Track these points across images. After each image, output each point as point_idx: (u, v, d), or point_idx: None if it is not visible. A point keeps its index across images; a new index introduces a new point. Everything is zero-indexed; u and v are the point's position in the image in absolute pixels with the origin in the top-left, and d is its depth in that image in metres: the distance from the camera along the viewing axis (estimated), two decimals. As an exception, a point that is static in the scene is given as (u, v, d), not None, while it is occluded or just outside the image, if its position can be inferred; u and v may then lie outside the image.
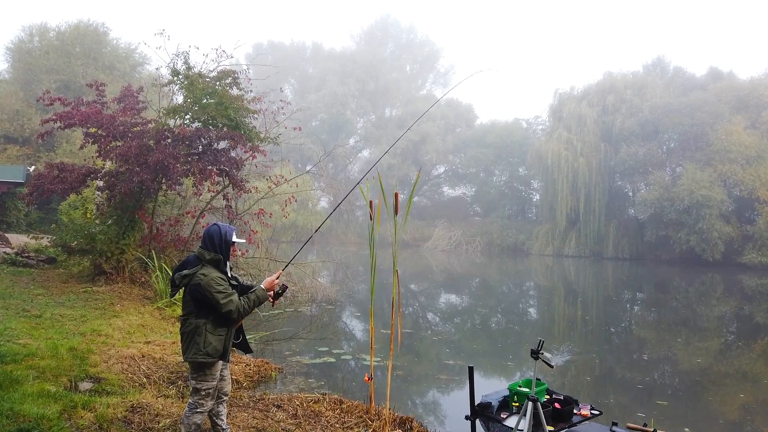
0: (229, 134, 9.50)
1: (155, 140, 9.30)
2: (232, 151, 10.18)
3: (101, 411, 4.34)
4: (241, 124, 9.76)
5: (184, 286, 3.88)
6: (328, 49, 55.88)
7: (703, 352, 10.70)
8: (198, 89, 9.42)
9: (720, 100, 33.15)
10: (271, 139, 10.43)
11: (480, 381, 7.28)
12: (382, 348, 8.73)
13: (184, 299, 3.93)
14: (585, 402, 4.33)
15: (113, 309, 7.97)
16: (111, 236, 9.47)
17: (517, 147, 43.51)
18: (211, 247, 3.92)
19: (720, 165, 30.98)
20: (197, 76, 9.56)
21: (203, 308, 3.81)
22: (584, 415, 4.08)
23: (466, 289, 20.02)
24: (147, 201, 10.06)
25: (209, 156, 9.69)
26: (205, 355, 3.78)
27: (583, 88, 39.90)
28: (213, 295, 3.73)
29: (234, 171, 9.94)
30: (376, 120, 53.57)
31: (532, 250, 37.40)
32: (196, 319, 3.81)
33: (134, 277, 9.70)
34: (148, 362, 5.97)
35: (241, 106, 9.69)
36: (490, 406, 4.17)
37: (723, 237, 29.63)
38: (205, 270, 3.82)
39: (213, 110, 9.34)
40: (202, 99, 9.50)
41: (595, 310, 15.64)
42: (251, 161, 10.70)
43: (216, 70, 10.04)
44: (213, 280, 3.77)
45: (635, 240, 35.05)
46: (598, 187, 35.52)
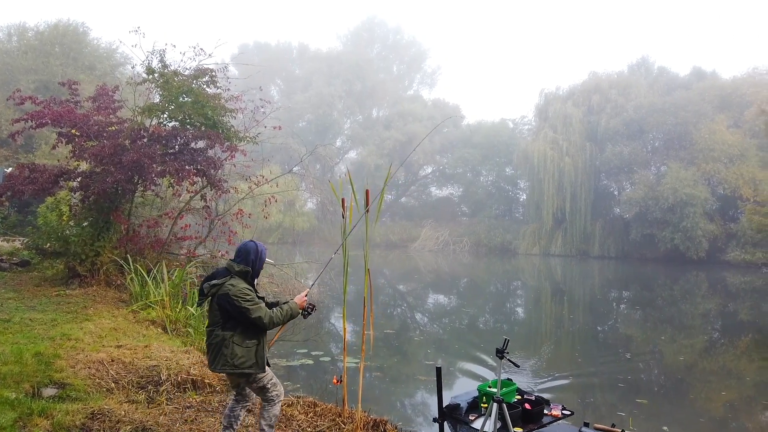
0: (207, 133, 9.31)
1: (131, 140, 9.09)
2: (210, 151, 9.99)
3: (59, 418, 4.17)
4: (219, 123, 9.58)
5: (212, 296, 3.89)
6: (315, 49, 55.70)
7: (687, 349, 10.70)
8: (174, 87, 9.22)
9: (703, 99, 33.45)
10: (250, 139, 10.25)
11: (461, 381, 7.18)
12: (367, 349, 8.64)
13: (211, 310, 3.93)
14: (557, 402, 4.24)
15: (86, 312, 7.76)
16: (85, 238, 9.24)
17: (504, 147, 43.61)
18: (244, 261, 3.98)
19: (704, 164, 31.23)
20: (172, 74, 9.35)
21: (230, 320, 3.82)
22: (555, 416, 3.98)
23: (453, 290, 19.95)
24: (123, 202, 9.84)
25: (186, 156, 9.48)
26: (232, 366, 3.79)
27: (569, 88, 40.12)
28: (241, 303, 3.76)
29: (212, 171, 9.75)
30: (363, 120, 53.45)
31: (519, 250, 37.48)
32: (222, 331, 3.83)
33: (110, 279, 9.48)
34: (118, 367, 5.79)
35: (218, 104, 9.52)
36: (459, 407, 4.07)
37: (707, 235, 29.86)
38: (233, 280, 3.86)
39: (189, 109, 9.15)
40: (179, 98, 9.31)
41: (581, 308, 15.63)
42: (230, 161, 10.51)
43: (193, 68, 9.86)
44: (241, 290, 3.79)
45: (621, 239, 35.24)
46: (583, 187, 35.67)
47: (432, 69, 60.50)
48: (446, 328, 11.70)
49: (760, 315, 15.22)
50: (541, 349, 10.01)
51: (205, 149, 9.88)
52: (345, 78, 49.92)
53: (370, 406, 5.31)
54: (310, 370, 7.48)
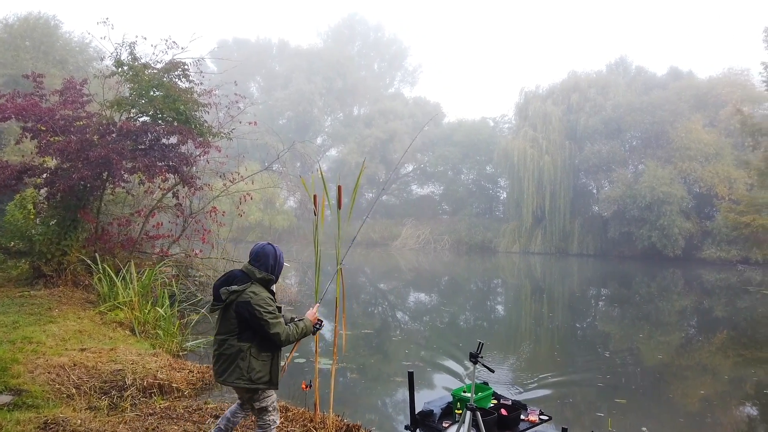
0: (178, 129, 9.03)
1: (99, 135, 8.77)
2: (182, 147, 9.70)
3: (8, 429, 3.92)
4: (192, 118, 9.30)
5: (230, 303, 3.63)
6: (295, 46, 55.21)
7: (664, 346, 10.73)
8: (144, 81, 8.93)
9: (680, 98, 33.88)
10: (225, 135, 9.99)
11: (441, 379, 7.05)
12: (339, 350, 8.45)
13: (226, 318, 3.67)
14: (535, 407, 4.12)
15: (50, 314, 7.46)
16: (51, 237, 8.90)
17: (485, 145, 43.70)
18: (264, 266, 3.74)
19: (680, 162, 31.62)
20: (142, 67, 9.05)
21: (248, 330, 3.60)
22: (532, 421, 3.86)
23: (434, 288, 19.85)
24: (91, 199, 9.51)
25: (157, 152, 9.18)
26: (248, 381, 3.59)
27: (549, 86, 40.35)
28: (262, 315, 3.54)
29: (184, 167, 9.47)
30: (344, 118, 53.14)
31: (499, 248, 37.59)
32: (238, 341, 3.60)
33: (77, 279, 9.14)
34: (80, 371, 5.53)
35: (190, 99, 9.23)
36: (432, 414, 3.92)
37: (683, 233, 30.23)
38: (255, 288, 3.64)
39: (160, 103, 8.86)
40: (149, 92, 9.02)
41: (561, 306, 15.64)
42: (203, 157, 10.23)
43: (165, 61, 9.55)
44: (263, 300, 3.59)
45: (599, 236, 35.54)
46: (563, 185, 35.89)
47: (413, 67, 60.47)
48: (426, 327, 11.57)
49: (735, 311, 15.37)
50: (520, 349, 9.93)
51: (178, 145, 9.60)
52: (325, 75, 49.55)
53: (345, 410, 5.15)
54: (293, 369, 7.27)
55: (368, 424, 5.56)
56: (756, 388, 7.92)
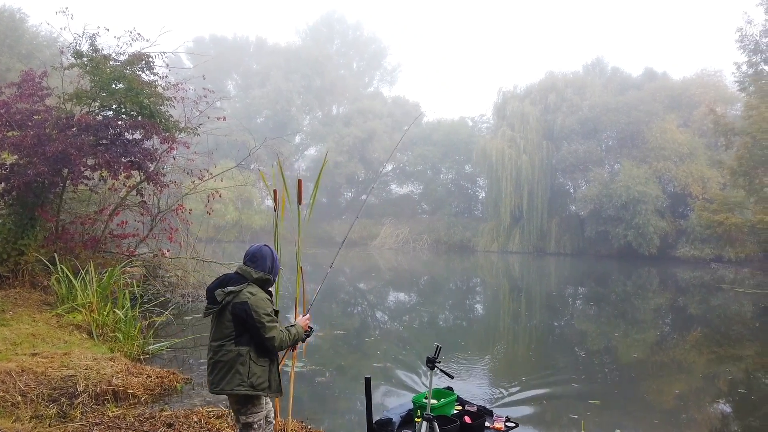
0: (141, 123, 8.68)
1: (58, 129, 8.38)
2: (147, 142, 9.35)
3: (-65, 443, 3.63)
4: (157, 112, 8.96)
5: (226, 304, 3.42)
6: (273, 44, 54.67)
7: (640, 344, 10.71)
8: (104, 73, 8.56)
9: (655, 99, 34.28)
10: (192, 130, 9.66)
11: (414, 384, 6.85)
12: (314, 352, 8.20)
13: (221, 321, 3.44)
14: (503, 412, 3.94)
15: (3, 317, 7.08)
16: (7, 236, 8.50)
17: (463, 145, 43.75)
18: (261, 267, 3.59)
19: (655, 162, 31.98)
20: (102, 58, 8.68)
21: (245, 333, 3.39)
22: (498, 429, 3.68)
23: (412, 287, 19.68)
24: (50, 197, 9.10)
25: (119, 147, 8.80)
26: (249, 387, 3.38)
27: (526, 86, 40.57)
28: (260, 317, 3.35)
29: (148, 163, 9.11)
30: (323, 117, 52.75)
31: (478, 247, 37.64)
32: (236, 346, 3.38)
33: (35, 281, 8.74)
34: (28, 378, 5.21)
35: (153, 92, 8.89)
36: (391, 422, 3.70)
37: (658, 231, 30.56)
38: (252, 288, 3.47)
39: (122, 96, 8.51)
40: (111, 84, 8.65)
41: (538, 306, 15.59)
42: (170, 154, 9.88)
43: (128, 53, 9.19)
44: (262, 301, 3.41)
45: (576, 236, 35.80)
46: (540, 184, 36.08)
47: (392, 66, 60.34)
48: (403, 327, 11.37)
49: (709, 309, 15.49)
50: (495, 349, 9.79)
51: (142, 140, 9.25)
52: (303, 73, 49.12)
53: (309, 415, 4.92)
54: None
55: (337, 428, 5.35)
56: (729, 385, 7.90)
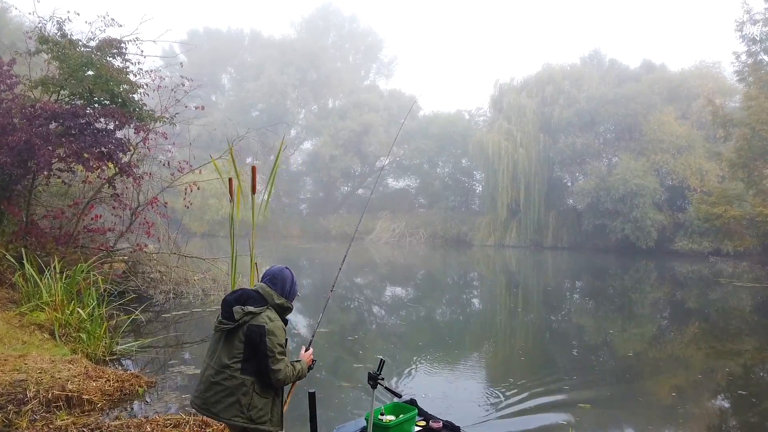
0: (111, 111, 8.27)
1: (26, 118, 7.97)
2: (118, 132, 8.95)
3: None
4: (130, 101, 8.56)
5: (242, 324, 3.17)
6: (267, 36, 54.09)
7: (637, 338, 10.39)
8: (72, 59, 8.14)
9: (653, 91, 33.88)
10: (167, 119, 9.25)
11: (382, 393, 6.48)
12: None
13: (228, 341, 3.18)
14: (478, 423, 3.59)
15: (-38, 316, 6.74)
16: (-29, 231, 8.14)
17: (460, 138, 43.34)
18: (281, 291, 3.36)
19: (653, 154, 31.63)
20: (68, 43, 8.24)
21: (253, 359, 3.14)
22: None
23: (408, 282, 19.30)
24: (17, 189, 8.69)
25: (88, 137, 8.39)
26: (247, 420, 3.11)
27: (523, 79, 40.12)
28: (274, 345, 3.13)
29: (120, 154, 8.71)
30: (319, 110, 52.24)
31: (475, 241, 37.32)
32: (241, 373, 3.12)
33: (3, 277, 8.38)
34: (-26, 383, 4.85)
35: (124, 79, 8.48)
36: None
37: (656, 225, 30.26)
38: (271, 314, 3.25)
39: (91, 84, 8.10)
40: (80, 71, 8.23)
41: (534, 301, 15.25)
42: (145, 144, 9.48)
43: (99, 39, 8.78)
44: (279, 329, 3.18)
45: (573, 229, 35.51)
46: (537, 178, 35.73)
47: (389, 59, 59.78)
48: (391, 324, 10.99)
49: (707, 303, 15.20)
50: (487, 347, 9.44)
51: (114, 130, 8.84)
52: (298, 66, 48.56)
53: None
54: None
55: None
56: (728, 380, 7.61)
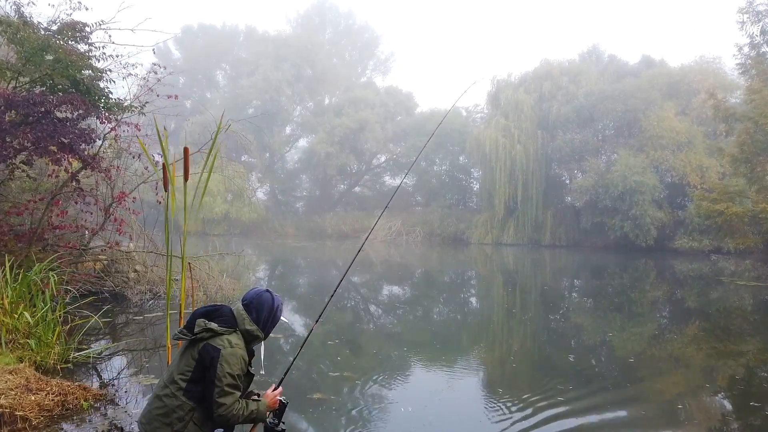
0: (70, 98, 7.69)
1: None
2: (82, 122, 8.40)
3: None
4: (95, 88, 8.00)
5: (200, 340, 2.86)
6: (262, 32, 53.44)
7: (637, 338, 9.88)
8: (29, 42, 7.58)
9: (652, 86, 33.34)
10: (135, 108, 8.70)
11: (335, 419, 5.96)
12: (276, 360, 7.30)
13: (183, 355, 2.88)
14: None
15: None
16: None
17: (457, 135, 42.82)
18: (255, 317, 3.02)
19: (652, 151, 31.12)
20: (21, 23, 7.66)
21: (200, 382, 2.78)
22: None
23: (403, 282, 18.74)
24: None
25: (46, 126, 7.81)
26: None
27: (521, 75, 39.58)
28: (223, 375, 2.75)
29: (82, 145, 8.14)
30: (315, 107, 51.72)
31: (472, 239, 36.82)
32: (184, 395, 2.76)
33: (-42, 278, 7.86)
34: None
35: (85, 64, 7.92)
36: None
37: (655, 222, 29.77)
38: (234, 338, 2.90)
39: (49, 69, 7.54)
40: (39, 56, 7.67)
41: (531, 302, 14.72)
42: (111, 134, 8.92)
43: (59, 21, 8.21)
44: (235, 358, 2.82)
45: (572, 227, 35.03)
46: (535, 175, 35.21)
47: (385, 56, 59.20)
48: (379, 327, 10.46)
49: (708, 302, 14.72)
50: (474, 353, 8.89)
51: (77, 120, 8.28)
52: (294, 62, 47.99)
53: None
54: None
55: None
56: (729, 381, 7.13)
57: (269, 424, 2.96)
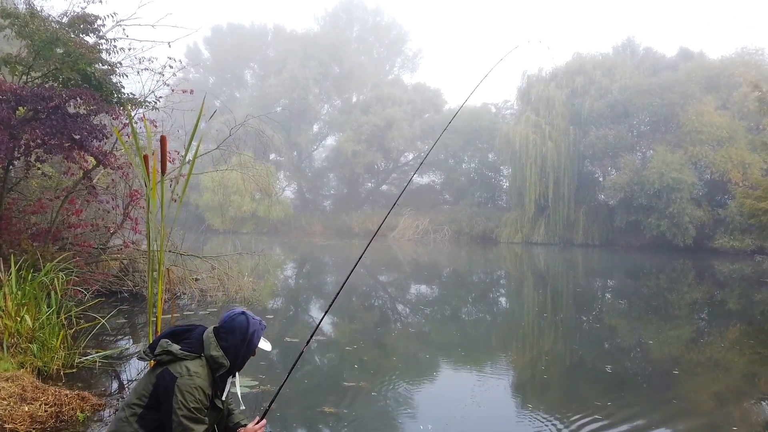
0: (80, 92, 7.46)
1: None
2: (94, 118, 8.18)
3: None
4: (106, 82, 7.78)
5: (158, 363, 2.61)
6: (290, 31, 53.48)
7: (678, 343, 9.22)
8: (38, 35, 7.38)
9: (690, 80, 32.05)
10: (148, 103, 8.45)
11: (390, 414, 5.53)
12: (265, 369, 6.96)
13: (144, 377, 2.68)
14: None
15: None
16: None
17: (486, 132, 42.05)
18: (226, 343, 2.65)
19: (691, 147, 29.89)
20: (29, 13, 7.45)
21: (155, 409, 2.51)
22: None
23: (432, 282, 18.24)
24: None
25: (56, 122, 7.59)
26: None
27: (552, 69, 38.50)
28: (179, 407, 2.43)
29: (94, 141, 7.92)
30: (342, 105, 51.56)
31: (501, 238, 36.06)
32: (137, 422, 2.51)
33: (-31, 278, 7.74)
34: None
35: (95, 57, 7.68)
36: None
37: (694, 221, 28.61)
38: (195, 366, 2.57)
39: (59, 62, 7.33)
40: (48, 49, 7.46)
41: (565, 303, 14.10)
42: (123, 132, 8.69)
43: (70, 13, 8.00)
44: (194, 389, 2.49)
45: (605, 226, 34.00)
46: (567, 172, 34.24)
47: (413, 52, 58.62)
48: (396, 333, 10.01)
49: (750, 304, 13.89)
50: (503, 361, 8.40)
51: (88, 116, 8.07)
52: (321, 60, 47.86)
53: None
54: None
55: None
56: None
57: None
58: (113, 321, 8.08)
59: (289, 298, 13.51)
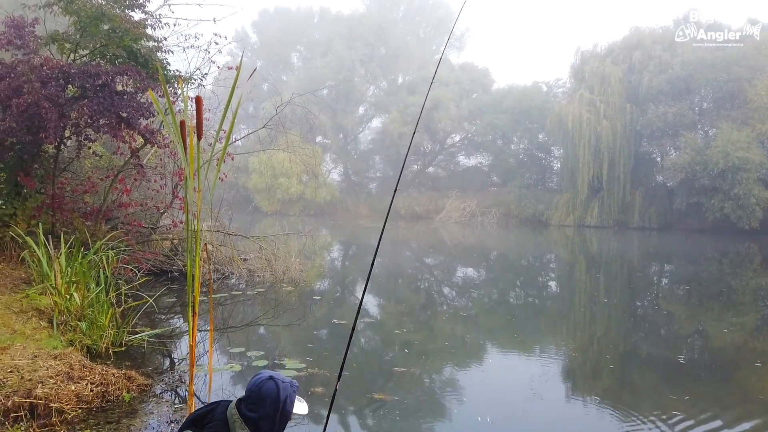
0: (125, 69, 7.36)
1: (40, 81, 7.22)
2: (140, 96, 8.10)
3: None
4: (152, 59, 7.67)
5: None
6: (336, 12, 53.10)
7: (752, 330, 8.53)
8: (84, 11, 7.30)
9: (760, 52, 29.88)
10: (195, 80, 8.32)
11: (446, 408, 5.22)
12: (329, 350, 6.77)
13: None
14: None
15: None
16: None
17: (537, 112, 40.65)
18: (256, 416, 2.19)
19: (759, 124, 27.97)
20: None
21: None
22: None
23: (480, 265, 17.79)
24: (32, 159, 8.01)
25: (103, 99, 7.52)
26: None
27: (608, 45, 36.75)
28: None
29: (140, 120, 7.84)
30: (388, 86, 50.96)
31: (552, 221, 34.98)
32: None
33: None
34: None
35: (141, 33, 7.55)
36: None
37: (761, 203, 26.88)
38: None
39: (105, 38, 7.23)
40: (95, 25, 7.39)
41: (625, 289, 13.40)
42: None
43: None
44: None
45: (663, 208, 32.44)
46: (622, 152, 32.76)
47: (461, 31, 57.04)
48: (447, 317, 9.67)
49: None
50: (561, 350, 7.93)
51: (135, 93, 7.99)
52: (367, 41, 47.34)
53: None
54: (236, 378, 5.54)
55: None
56: None
57: None
58: (163, 300, 8.08)
59: (336, 280, 13.36)
